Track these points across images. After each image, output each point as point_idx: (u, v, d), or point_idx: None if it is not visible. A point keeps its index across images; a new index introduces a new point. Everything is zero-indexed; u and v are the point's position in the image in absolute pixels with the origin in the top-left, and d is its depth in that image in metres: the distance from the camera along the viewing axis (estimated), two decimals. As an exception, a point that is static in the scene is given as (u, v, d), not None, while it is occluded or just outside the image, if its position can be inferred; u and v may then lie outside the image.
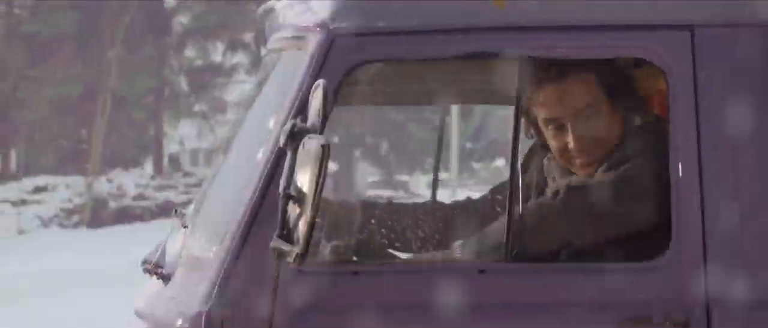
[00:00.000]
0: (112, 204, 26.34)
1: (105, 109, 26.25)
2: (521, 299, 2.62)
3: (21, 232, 23.02)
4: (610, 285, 2.58)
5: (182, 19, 29.32)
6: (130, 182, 27.32)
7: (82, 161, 26.87)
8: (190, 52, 29.77)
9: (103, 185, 26.46)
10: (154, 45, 28.43)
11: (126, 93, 27.24)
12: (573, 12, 2.69)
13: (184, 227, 2.99)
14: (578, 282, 2.60)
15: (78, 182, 26.17)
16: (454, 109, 20.81)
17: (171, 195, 26.35)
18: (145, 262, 3.00)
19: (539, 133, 2.91)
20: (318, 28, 2.73)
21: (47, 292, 13.60)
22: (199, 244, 2.83)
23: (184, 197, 24.76)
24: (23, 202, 24.25)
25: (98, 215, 25.40)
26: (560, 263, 2.69)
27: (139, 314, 2.92)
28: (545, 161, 2.89)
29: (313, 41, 2.70)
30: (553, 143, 2.83)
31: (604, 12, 2.74)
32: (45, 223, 24.44)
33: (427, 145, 25.10)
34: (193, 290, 2.72)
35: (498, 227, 2.73)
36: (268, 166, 2.68)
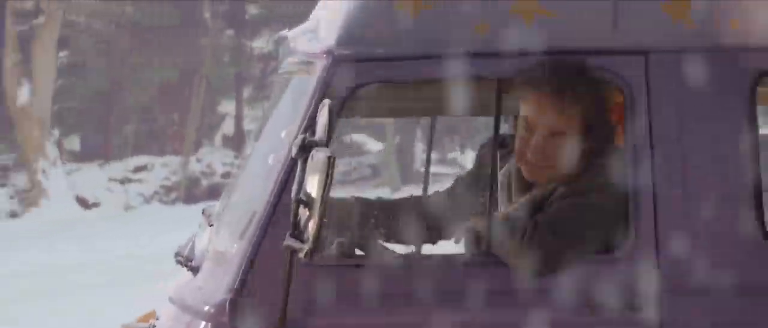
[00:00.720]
0: (204, 182, 27.80)
1: (199, 93, 27.72)
2: (500, 288, 2.88)
3: (127, 208, 24.15)
4: (579, 277, 2.90)
5: (254, 10, 31.01)
6: (217, 161, 28.72)
7: (176, 142, 28.17)
8: (261, 40, 31.06)
9: (195, 165, 27.94)
10: (236, 34, 29.95)
11: (214, 79, 28.86)
12: (545, 39, 2.99)
13: (210, 225, 3.31)
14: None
15: (173, 161, 27.65)
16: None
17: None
18: (177, 255, 3.30)
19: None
20: (324, 55, 2.99)
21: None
22: (223, 241, 3.10)
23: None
24: (128, 180, 25.67)
25: (192, 192, 26.82)
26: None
27: (171, 301, 3.21)
28: (509, 168, 3.16)
29: (320, 66, 2.96)
30: (517, 141, 3.05)
31: (573, 39, 3.00)
32: (147, 199, 25.83)
33: (474, 124, 26.21)
34: (218, 280, 2.99)
35: (481, 225, 3.04)
36: (282, 174, 2.93)
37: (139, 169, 26.18)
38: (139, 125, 28.97)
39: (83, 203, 23.39)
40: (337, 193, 3.25)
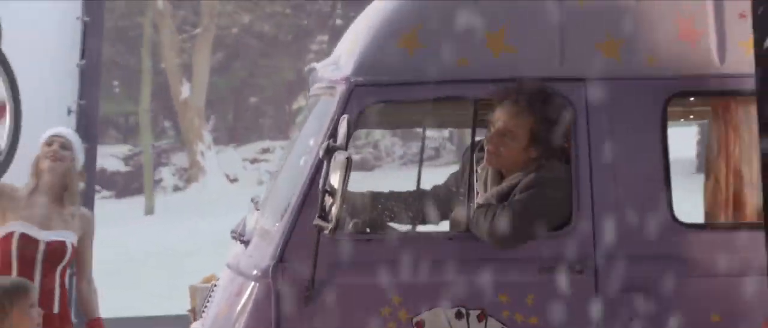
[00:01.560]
0: (312, 162, 31.52)
1: (307, 90, 31.06)
2: (478, 256, 3.68)
3: (260, 182, 26.61)
4: (536, 247, 3.72)
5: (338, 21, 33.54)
6: (318, 146, 32.58)
7: (289, 130, 30.79)
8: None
9: (305, 148, 31.54)
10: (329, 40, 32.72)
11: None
12: (509, 69, 3.80)
13: (257, 209, 4.15)
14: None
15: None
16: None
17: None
18: (233, 232, 4.15)
19: None
20: (343, 82, 3.81)
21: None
22: (267, 221, 3.90)
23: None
24: (256, 160, 28.16)
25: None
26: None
27: (228, 266, 4.04)
28: (485, 166, 3.95)
29: (340, 90, 3.79)
30: (486, 138, 3.86)
31: (530, 69, 3.79)
32: (273, 176, 28.63)
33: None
34: (263, 251, 3.79)
35: (463, 212, 3.87)
36: (312, 171, 3.73)
37: (264, 151, 28.71)
38: (264, 115, 31.67)
39: (229, 178, 26.26)
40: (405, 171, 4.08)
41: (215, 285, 4.18)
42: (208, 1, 25.75)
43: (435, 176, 4.55)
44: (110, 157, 23.55)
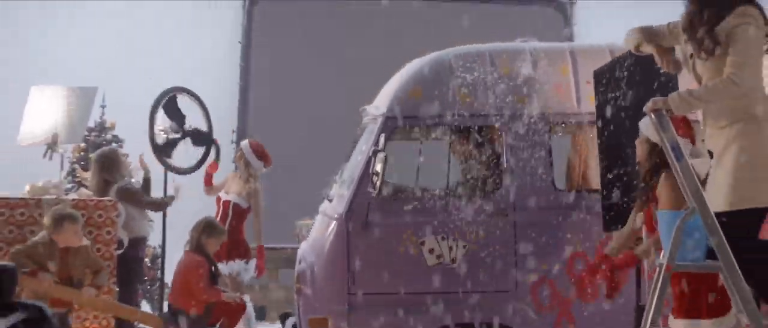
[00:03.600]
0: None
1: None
2: (454, 208, 6.47)
3: None
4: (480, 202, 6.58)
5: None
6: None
7: None
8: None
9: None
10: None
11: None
12: (468, 110, 6.38)
13: (336, 182, 6.76)
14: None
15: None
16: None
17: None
18: (324, 195, 6.82)
19: None
20: (381, 116, 6.43)
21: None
22: (342, 189, 6.51)
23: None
24: None
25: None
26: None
27: (321, 212, 6.68)
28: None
29: (380, 120, 6.43)
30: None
31: (479, 110, 6.36)
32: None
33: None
34: (340, 204, 6.38)
35: None
36: (365, 162, 6.32)
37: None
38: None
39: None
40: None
41: (314, 222, 6.97)
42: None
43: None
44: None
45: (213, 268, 7.08)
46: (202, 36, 11.58)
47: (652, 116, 4.35)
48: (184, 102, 8.16)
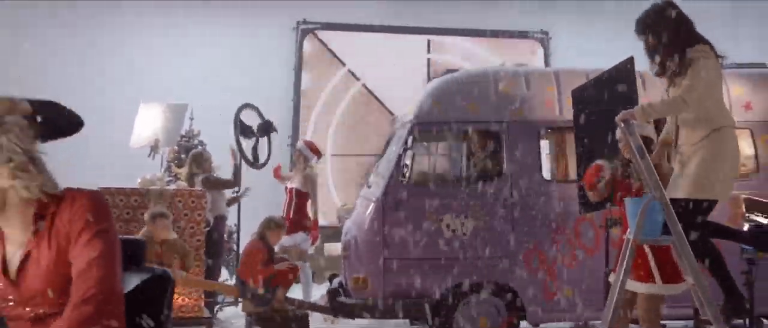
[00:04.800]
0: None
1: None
2: (466, 194, 6.64)
3: None
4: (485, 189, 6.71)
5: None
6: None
7: None
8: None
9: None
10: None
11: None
12: (474, 117, 6.54)
13: (372, 174, 6.97)
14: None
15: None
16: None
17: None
18: (363, 183, 7.02)
19: None
20: (410, 122, 6.57)
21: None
22: (378, 178, 6.65)
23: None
24: None
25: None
26: None
27: (361, 196, 6.82)
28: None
29: (408, 126, 6.57)
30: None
31: (483, 117, 6.52)
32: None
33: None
34: (377, 190, 6.52)
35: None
36: (397, 157, 6.46)
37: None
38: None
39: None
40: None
41: (355, 205, 7.12)
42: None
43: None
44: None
45: (270, 251, 7.19)
46: (267, 61, 11.81)
47: (621, 125, 4.32)
48: (248, 114, 8.41)
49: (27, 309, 2.51)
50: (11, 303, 2.51)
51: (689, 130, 4.46)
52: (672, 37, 4.35)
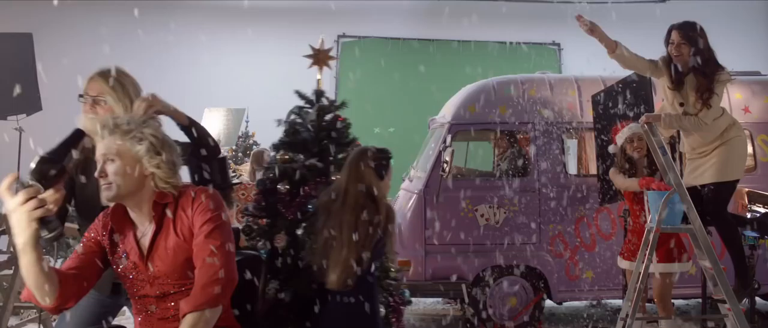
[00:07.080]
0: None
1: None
2: (517, 190, 6.64)
3: None
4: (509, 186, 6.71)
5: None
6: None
7: None
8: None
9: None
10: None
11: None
12: (500, 120, 6.48)
13: (413, 169, 7.01)
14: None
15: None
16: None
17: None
18: (405, 177, 7.02)
19: None
20: (447, 123, 6.54)
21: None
22: (418, 172, 6.60)
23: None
24: None
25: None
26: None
27: (403, 189, 6.74)
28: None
29: (446, 126, 6.53)
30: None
31: (512, 119, 6.39)
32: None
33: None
34: (419, 183, 6.47)
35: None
36: (437, 153, 6.38)
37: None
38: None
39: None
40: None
41: (397, 197, 7.12)
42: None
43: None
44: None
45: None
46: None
47: (645, 126, 4.29)
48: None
49: (153, 288, 2.61)
50: (142, 282, 2.61)
51: (699, 145, 4.51)
52: (708, 58, 4.35)
